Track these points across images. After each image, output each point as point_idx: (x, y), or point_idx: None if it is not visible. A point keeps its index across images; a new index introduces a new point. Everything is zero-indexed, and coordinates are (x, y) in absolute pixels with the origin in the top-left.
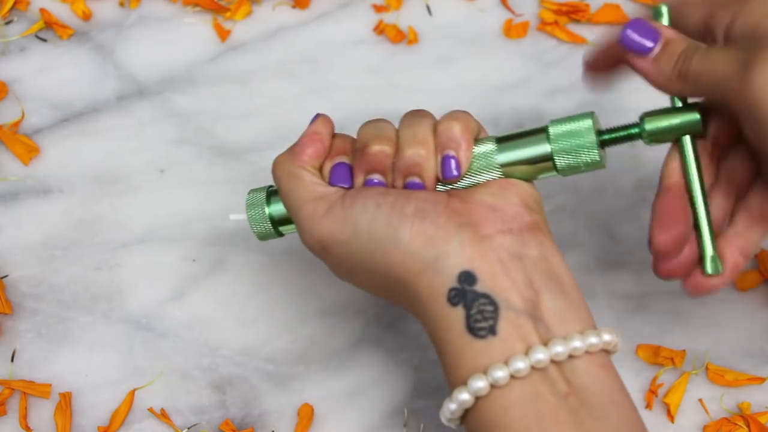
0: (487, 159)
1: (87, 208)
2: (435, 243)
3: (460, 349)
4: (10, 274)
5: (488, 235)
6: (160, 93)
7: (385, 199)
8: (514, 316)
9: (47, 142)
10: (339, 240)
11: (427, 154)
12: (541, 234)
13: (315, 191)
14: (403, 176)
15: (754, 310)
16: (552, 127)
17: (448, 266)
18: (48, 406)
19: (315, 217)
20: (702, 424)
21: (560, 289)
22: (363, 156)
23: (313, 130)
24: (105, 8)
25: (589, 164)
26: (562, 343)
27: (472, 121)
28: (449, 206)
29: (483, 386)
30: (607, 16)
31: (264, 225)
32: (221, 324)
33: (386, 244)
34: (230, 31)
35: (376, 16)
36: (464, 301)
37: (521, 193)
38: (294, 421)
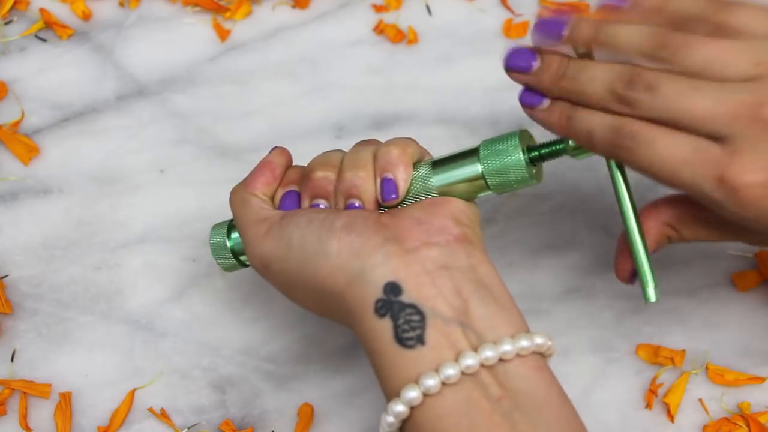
0: (425, 182)
1: (87, 208)
2: (361, 255)
3: (391, 360)
4: (10, 274)
5: (414, 247)
6: (160, 93)
7: (317, 215)
8: (443, 324)
9: (47, 142)
10: (275, 257)
11: (366, 177)
12: (470, 246)
13: (259, 214)
14: (344, 198)
15: (754, 310)
16: (483, 148)
17: (375, 278)
18: (48, 406)
19: (257, 238)
20: (702, 423)
21: (490, 295)
22: (308, 182)
23: (266, 160)
24: (105, 8)
25: (519, 182)
26: (491, 348)
27: (411, 145)
28: (378, 221)
29: (416, 396)
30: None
31: (226, 257)
32: (221, 324)
33: (316, 257)
34: (230, 31)
35: (376, 16)
36: (391, 311)
37: (452, 208)
38: (294, 421)
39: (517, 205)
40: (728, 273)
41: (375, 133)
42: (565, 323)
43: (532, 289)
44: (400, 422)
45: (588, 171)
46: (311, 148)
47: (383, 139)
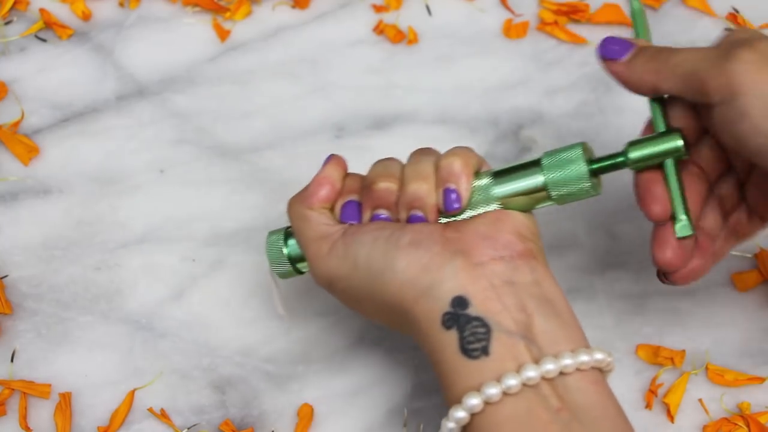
0: (486, 192)
1: (87, 208)
2: (429, 270)
3: (455, 369)
4: (10, 274)
5: (481, 262)
6: (160, 93)
7: (382, 233)
8: (507, 338)
9: (47, 142)
10: (341, 275)
11: (429, 189)
12: (534, 261)
13: (320, 231)
14: (407, 210)
15: (754, 310)
16: (545, 159)
17: (442, 292)
18: (48, 406)
19: (320, 256)
20: (702, 424)
21: (553, 311)
22: (369, 193)
23: (323, 174)
24: (105, 8)
25: (582, 193)
26: (552, 361)
27: (472, 156)
28: (443, 236)
29: (477, 403)
30: (606, 16)
31: (282, 264)
32: (221, 324)
33: (383, 274)
34: (230, 31)
35: (375, 16)
36: (457, 324)
37: (515, 223)
38: (294, 421)
39: None
40: (728, 273)
41: (375, 133)
42: None
43: None
44: (460, 428)
45: None
46: (311, 148)
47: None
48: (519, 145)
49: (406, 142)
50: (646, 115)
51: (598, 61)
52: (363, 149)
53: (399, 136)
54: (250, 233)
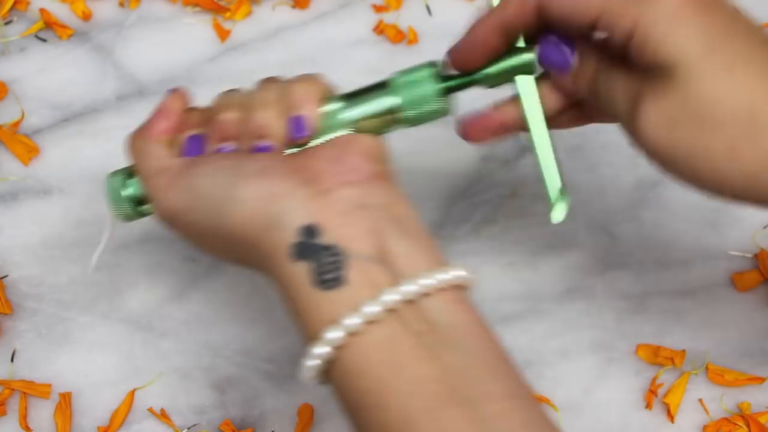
0: (335, 118)
1: (87, 208)
2: (275, 200)
3: (311, 303)
4: (10, 274)
5: (329, 188)
6: (160, 93)
7: (224, 162)
8: (362, 264)
9: (47, 142)
10: (182, 209)
11: (275, 116)
12: (386, 183)
13: (159, 164)
14: (252, 140)
15: (754, 310)
16: (395, 80)
17: (290, 221)
18: (48, 406)
19: (160, 190)
20: (702, 424)
21: (407, 233)
22: (212, 125)
23: (163, 105)
24: (105, 8)
25: (435, 113)
26: (410, 282)
27: (319, 82)
28: (290, 164)
29: (339, 336)
30: None
31: (123, 206)
32: (221, 324)
33: (227, 205)
34: (230, 31)
35: (375, 16)
36: (308, 255)
37: (362, 145)
38: (294, 421)
39: (517, 205)
40: (728, 273)
41: None
42: (565, 323)
43: (532, 289)
44: (324, 365)
45: (588, 171)
46: None
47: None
48: (519, 145)
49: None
50: None
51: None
52: None
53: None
54: None
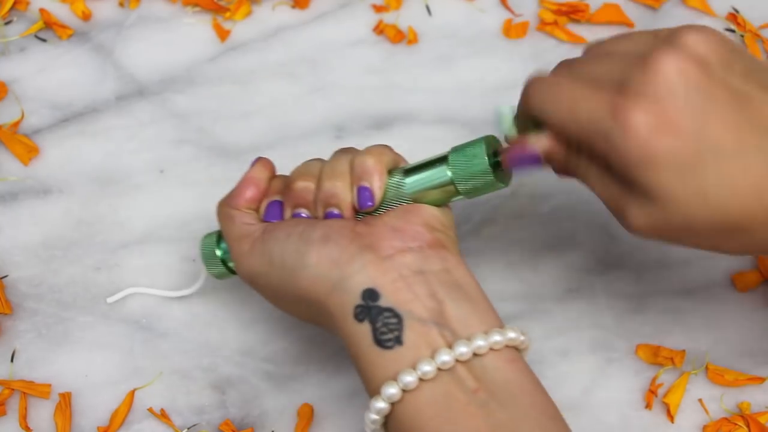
0: (398, 189)
1: (87, 208)
2: (339, 264)
3: (372, 361)
4: (10, 274)
5: (389, 255)
6: (160, 93)
7: (295, 229)
8: (419, 325)
9: (47, 142)
10: (260, 272)
11: (344, 186)
12: (443, 250)
13: (242, 230)
14: (323, 207)
15: (754, 310)
16: (451, 155)
17: (353, 285)
18: (48, 406)
19: (241, 254)
20: (702, 424)
21: (464, 296)
22: (289, 192)
23: (249, 175)
24: (105, 8)
25: (487, 186)
26: (465, 344)
27: (386, 153)
28: (353, 231)
29: (395, 392)
30: (606, 16)
31: (216, 265)
32: (221, 324)
33: (296, 269)
34: (230, 31)
35: (375, 16)
36: (369, 316)
37: (424, 215)
38: (294, 421)
39: (517, 205)
40: (728, 273)
41: (375, 133)
42: (565, 323)
43: (532, 289)
44: (383, 418)
45: None
46: (311, 148)
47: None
48: None
49: (406, 142)
50: None
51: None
52: None
53: (399, 136)
54: None
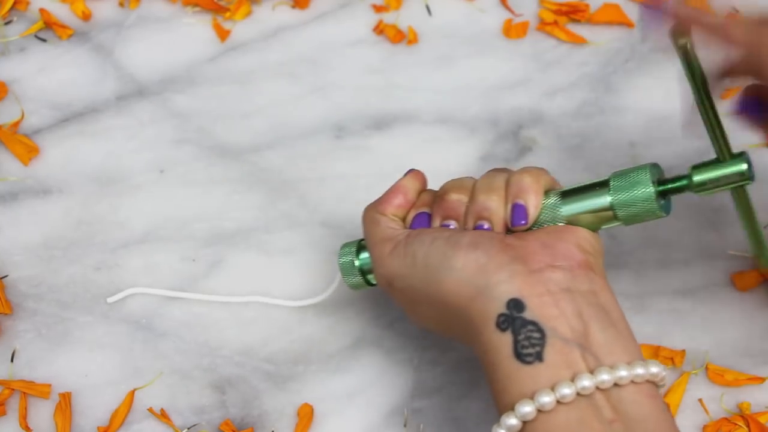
0: (553, 211)
1: (87, 208)
2: (486, 271)
3: (508, 374)
4: (10, 274)
5: (538, 269)
6: (160, 93)
7: (441, 233)
8: (562, 344)
9: (47, 142)
10: (400, 274)
11: (498, 201)
12: (592, 273)
13: (386, 233)
14: (474, 220)
15: (754, 310)
16: (613, 180)
17: (498, 293)
18: (48, 406)
19: (383, 256)
20: (702, 424)
21: (609, 321)
22: (440, 202)
23: (400, 183)
24: (105, 8)
25: (648, 214)
26: (608, 372)
27: (544, 175)
28: (504, 241)
29: (530, 411)
30: (606, 16)
31: (353, 275)
32: (221, 324)
33: (440, 271)
34: (230, 31)
35: (375, 16)
36: (512, 326)
37: (577, 236)
38: (294, 421)
39: None
40: (728, 273)
41: (375, 133)
42: None
43: None
44: None
45: (588, 171)
46: (311, 148)
47: (382, 139)
48: (519, 145)
49: (406, 142)
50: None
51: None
52: (363, 149)
53: (399, 136)
54: (250, 233)
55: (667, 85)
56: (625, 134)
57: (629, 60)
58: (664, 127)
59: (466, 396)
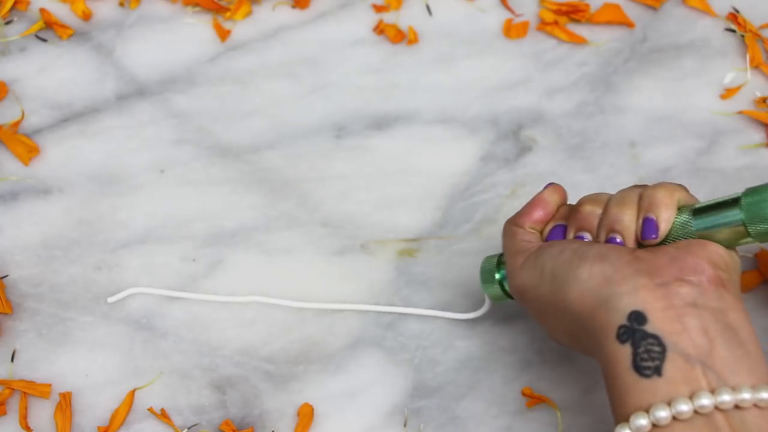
0: (684, 228)
1: (87, 208)
2: (611, 283)
3: (626, 386)
4: (10, 274)
5: (665, 282)
6: (160, 93)
7: (569, 245)
8: (682, 360)
9: (47, 142)
10: (529, 285)
11: (630, 214)
12: (722, 289)
13: (520, 246)
14: (606, 232)
15: (754, 310)
16: (745, 196)
17: (621, 305)
18: (48, 406)
19: (515, 268)
20: None
21: (737, 341)
22: (575, 215)
23: (540, 197)
24: (105, 8)
25: None
26: (729, 393)
27: (678, 191)
28: (632, 254)
29: (644, 424)
30: (607, 16)
31: (493, 288)
32: (221, 324)
33: (566, 282)
34: (230, 31)
35: (376, 16)
36: (632, 339)
37: (709, 251)
38: (294, 421)
39: (518, 205)
40: None
41: (375, 133)
42: None
43: None
44: None
45: (588, 171)
46: (311, 148)
47: (383, 139)
48: (519, 145)
49: (406, 142)
50: (645, 115)
51: None
52: (363, 149)
53: (399, 136)
54: (250, 233)
55: (667, 85)
56: (625, 134)
57: (629, 60)
58: (664, 127)
59: (466, 396)
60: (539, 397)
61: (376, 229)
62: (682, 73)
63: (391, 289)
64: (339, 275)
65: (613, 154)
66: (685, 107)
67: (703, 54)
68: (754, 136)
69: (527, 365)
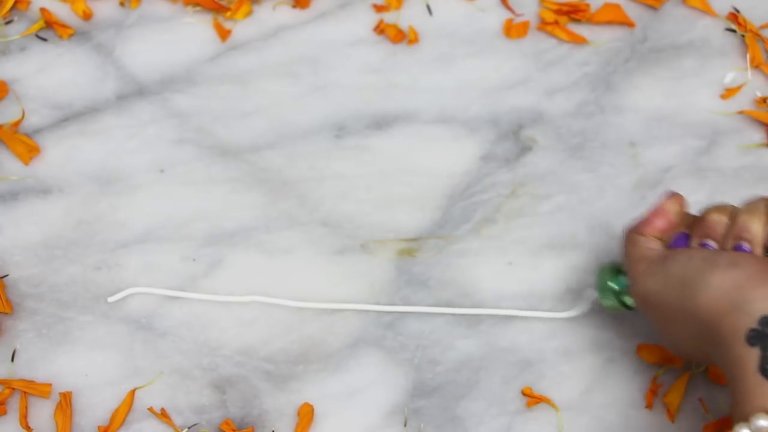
0: None
1: (87, 208)
2: (743, 289)
3: (749, 387)
4: (10, 274)
5: None
6: (160, 93)
7: (698, 253)
8: None
9: (47, 142)
10: (654, 291)
11: (760, 224)
12: None
13: (642, 253)
14: (734, 240)
15: None
16: None
17: (752, 309)
18: (48, 406)
19: (638, 275)
20: (702, 424)
21: None
22: (701, 223)
23: (662, 207)
24: (105, 8)
25: None
26: None
27: None
28: (763, 263)
29: (764, 424)
30: (607, 15)
31: (609, 297)
32: (221, 324)
33: (695, 286)
34: (230, 31)
35: (376, 15)
36: (761, 342)
37: None
38: (294, 421)
39: (517, 205)
40: None
41: (375, 133)
42: (565, 323)
43: (532, 289)
44: None
45: (588, 171)
46: (311, 147)
47: (382, 139)
48: (519, 145)
49: (406, 142)
50: (645, 115)
51: None
52: (363, 149)
53: (399, 136)
54: (250, 233)
55: (667, 85)
56: (625, 134)
57: (629, 60)
58: (664, 127)
59: (466, 396)
60: (539, 397)
61: (376, 229)
62: (682, 72)
63: (391, 289)
64: (339, 275)
65: (613, 153)
66: (685, 107)
67: (703, 54)
68: (754, 136)
69: (527, 365)
